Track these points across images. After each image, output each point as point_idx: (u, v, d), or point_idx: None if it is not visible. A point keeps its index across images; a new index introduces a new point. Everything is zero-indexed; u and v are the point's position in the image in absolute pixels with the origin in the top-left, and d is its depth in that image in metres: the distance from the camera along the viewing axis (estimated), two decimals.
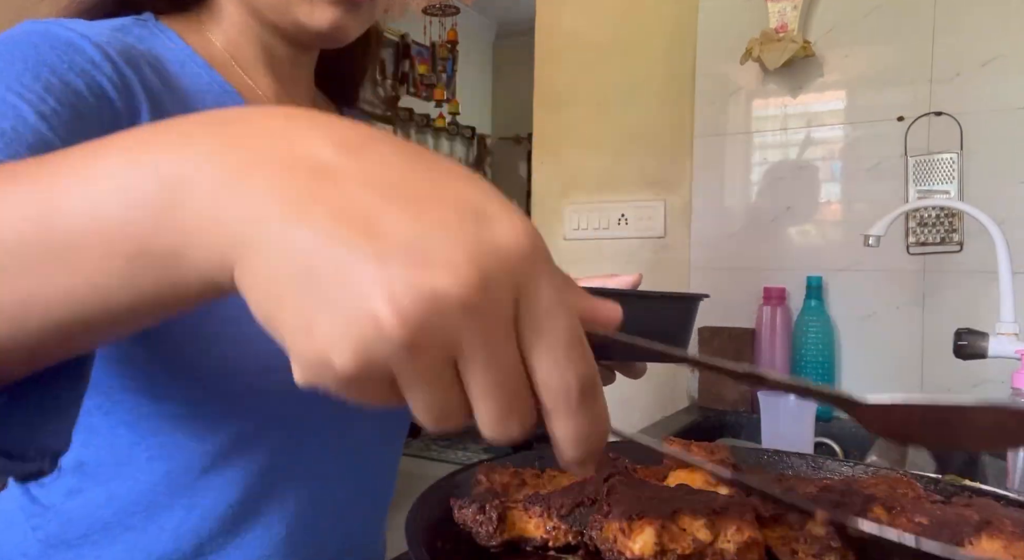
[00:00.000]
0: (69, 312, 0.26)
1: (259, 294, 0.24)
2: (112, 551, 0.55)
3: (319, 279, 0.22)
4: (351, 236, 0.22)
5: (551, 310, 0.24)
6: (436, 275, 0.22)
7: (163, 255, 0.25)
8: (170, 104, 0.54)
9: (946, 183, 1.36)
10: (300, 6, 0.58)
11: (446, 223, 0.23)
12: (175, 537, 0.55)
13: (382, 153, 0.24)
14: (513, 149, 4.72)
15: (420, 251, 0.22)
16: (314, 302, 0.22)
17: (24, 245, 0.25)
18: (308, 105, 0.70)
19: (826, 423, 1.37)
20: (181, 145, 0.25)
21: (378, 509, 0.70)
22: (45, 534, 0.56)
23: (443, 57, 4.15)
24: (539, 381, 0.24)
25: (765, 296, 1.49)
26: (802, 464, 0.60)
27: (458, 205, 0.23)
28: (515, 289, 0.23)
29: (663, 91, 1.69)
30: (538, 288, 0.24)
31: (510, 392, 0.24)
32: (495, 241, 0.23)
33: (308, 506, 0.60)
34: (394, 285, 0.22)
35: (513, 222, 0.23)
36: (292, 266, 0.23)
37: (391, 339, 0.22)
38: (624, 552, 0.37)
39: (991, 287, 1.19)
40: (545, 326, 0.24)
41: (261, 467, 0.57)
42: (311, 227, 0.22)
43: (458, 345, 0.23)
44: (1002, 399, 0.40)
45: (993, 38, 1.33)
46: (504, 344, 0.23)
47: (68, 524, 0.55)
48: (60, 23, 0.51)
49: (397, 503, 0.71)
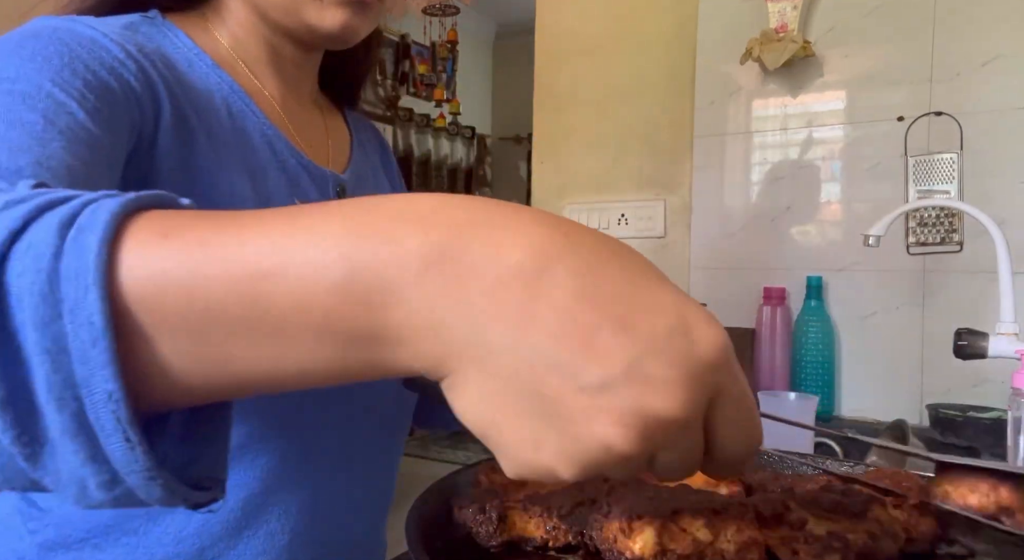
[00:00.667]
0: (265, 379, 0.27)
1: (477, 406, 0.25)
2: (113, 554, 0.54)
3: (545, 400, 0.24)
4: (573, 358, 0.24)
5: (740, 405, 0.27)
6: (656, 399, 0.24)
7: (378, 346, 0.26)
8: (184, 101, 0.54)
9: (946, 183, 1.36)
10: (309, 7, 0.58)
11: (657, 341, 0.25)
12: (177, 541, 0.54)
13: (584, 258, 0.26)
14: (513, 149, 4.72)
15: (639, 375, 0.24)
16: (542, 422, 0.25)
17: (228, 312, 0.26)
18: (312, 109, 0.70)
19: (826, 423, 1.37)
20: (392, 240, 0.25)
21: (379, 511, 0.69)
22: (43, 538, 0.55)
23: (443, 57, 4.15)
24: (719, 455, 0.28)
25: (765, 296, 1.49)
26: (802, 464, 0.60)
27: (665, 318, 0.25)
28: (714, 392, 0.26)
29: (663, 91, 1.69)
30: (732, 391, 0.27)
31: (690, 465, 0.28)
32: (700, 356, 0.25)
33: (310, 510, 0.60)
34: (621, 411, 0.24)
35: (711, 331, 0.26)
36: (516, 387, 0.24)
37: (618, 458, 0.25)
38: (624, 552, 0.37)
39: (991, 287, 1.19)
40: (736, 418, 0.27)
41: (263, 471, 0.57)
42: (534, 348, 0.24)
43: (665, 447, 0.26)
44: None
45: (993, 38, 1.33)
46: (696, 435, 0.27)
47: (67, 527, 0.54)
48: (77, 20, 0.51)
49: (397, 503, 0.71)
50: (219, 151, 0.56)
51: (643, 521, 0.38)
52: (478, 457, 0.59)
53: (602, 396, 0.24)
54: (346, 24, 0.59)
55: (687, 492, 0.43)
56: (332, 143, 0.71)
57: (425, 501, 0.52)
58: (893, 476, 0.49)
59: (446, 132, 4.31)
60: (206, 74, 0.59)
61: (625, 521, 0.38)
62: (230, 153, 0.57)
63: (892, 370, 1.42)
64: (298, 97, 0.68)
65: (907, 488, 0.46)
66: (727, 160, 1.60)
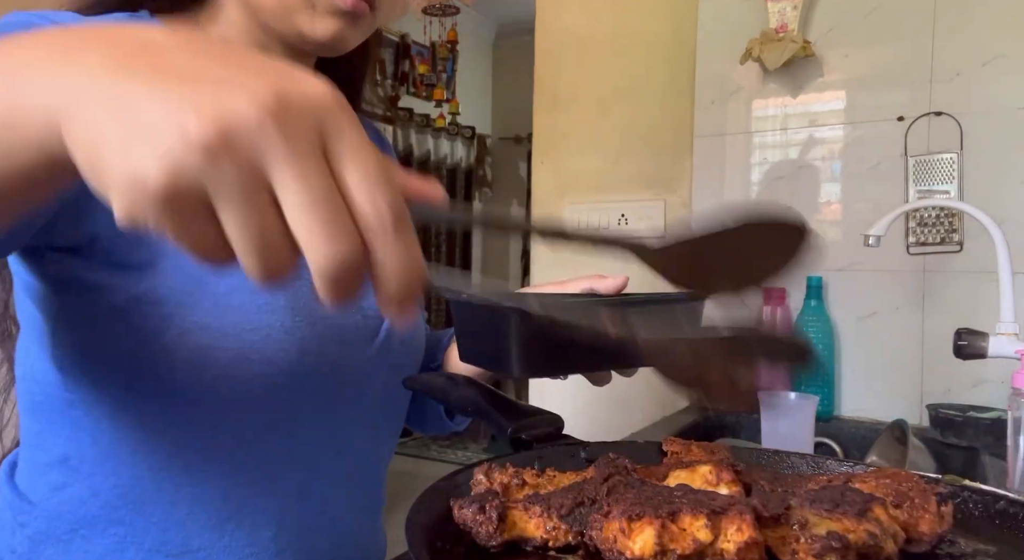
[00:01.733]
0: None
1: (83, 144, 0.25)
2: (101, 544, 0.55)
3: (136, 114, 0.24)
4: (168, 79, 0.24)
5: (358, 146, 0.26)
6: (238, 97, 0.24)
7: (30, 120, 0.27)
8: None
9: (946, 183, 1.36)
10: (301, 16, 0.58)
11: (254, 70, 0.25)
12: (162, 531, 0.55)
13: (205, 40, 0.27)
14: (513, 149, 4.72)
15: (227, 81, 0.24)
16: (130, 132, 0.24)
17: None
18: None
19: (826, 423, 1.37)
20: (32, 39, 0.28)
21: (370, 510, 0.69)
22: (33, 530, 0.56)
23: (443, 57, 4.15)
24: (355, 209, 0.26)
25: (765, 296, 1.49)
26: (802, 464, 0.60)
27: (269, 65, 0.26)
28: (320, 124, 0.25)
29: (663, 91, 1.69)
30: (345, 128, 0.26)
31: (330, 209, 0.25)
32: (299, 86, 0.25)
33: (296, 504, 0.60)
34: (200, 103, 0.24)
35: (319, 81, 0.26)
36: (113, 111, 0.24)
37: (194, 143, 0.23)
38: (624, 552, 0.37)
39: (991, 287, 1.19)
40: (354, 158, 0.26)
41: (247, 463, 0.57)
42: (132, 78, 0.25)
43: (263, 161, 0.24)
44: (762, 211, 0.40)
45: (993, 38, 1.33)
46: (313, 165, 0.25)
47: (55, 519, 0.55)
48: (46, 16, 0.50)
49: (397, 503, 0.71)
50: None
51: (643, 521, 0.38)
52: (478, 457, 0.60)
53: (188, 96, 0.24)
54: (336, 34, 0.59)
55: (687, 492, 0.43)
56: None
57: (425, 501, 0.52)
58: (894, 476, 0.49)
59: (446, 132, 4.31)
60: None
61: (625, 521, 0.38)
62: None
63: (892, 370, 1.42)
64: None
65: (907, 488, 0.46)
66: (727, 160, 1.60)
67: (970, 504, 0.52)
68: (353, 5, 0.58)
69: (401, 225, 0.26)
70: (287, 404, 0.58)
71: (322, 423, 0.62)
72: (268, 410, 0.58)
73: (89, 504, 0.55)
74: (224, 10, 0.62)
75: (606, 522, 0.39)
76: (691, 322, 0.59)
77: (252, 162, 0.24)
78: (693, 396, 1.10)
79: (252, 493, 0.57)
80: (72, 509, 0.55)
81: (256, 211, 0.24)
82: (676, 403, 1.60)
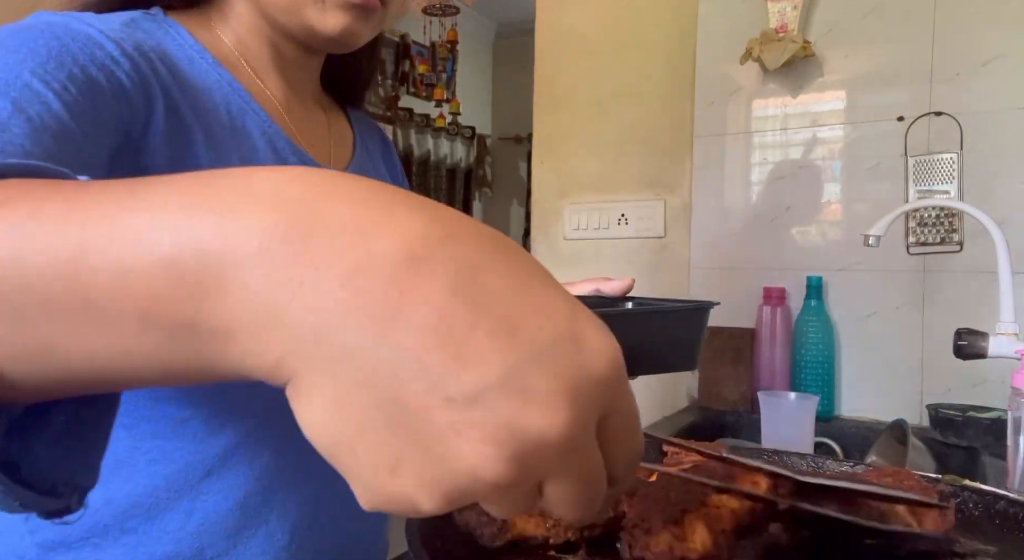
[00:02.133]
0: (91, 371, 0.24)
1: (325, 419, 0.21)
2: (112, 554, 0.54)
3: (407, 412, 0.20)
4: (443, 363, 0.20)
5: (630, 422, 0.24)
6: (535, 415, 0.20)
7: (206, 339, 0.22)
8: (181, 99, 0.54)
9: (946, 183, 1.36)
10: (311, 10, 0.58)
11: (541, 347, 0.21)
12: (176, 540, 0.54)
13: (466, 251, 0.22)
14: (513, 149, 4.71)
15: (517, 386, 0.20)
16: (401, 439, 0.21)
17: (49, 291, 0.22)
18: (314, 108, 0.70)
19: (826, 423, 1.37)
20: (229, 214, 0.22)
21: (378, 515, 0.69)
22: (43, 537, 0.55)
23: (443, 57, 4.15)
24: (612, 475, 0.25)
25: (765, 296, 1.49)
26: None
27: (552, 322, 0.22)
28: (604, 410, 0.23)
29: (663, 91, 1.69)
30: (621, 407, 0.24)
31: (593, 497, 0.24)
32: (588, 368, 0.22)
33: (309, 511, 0.60)
34: (494, 427, 0.20)
35: (602, 341, 0.22)
36: (373, 397, 0.20)
37: (488, 486, 0.21)
38: (688, 555, 0.38)
39: (991, 287, 1.19)
40: (625, 436, 0.24)
41: (262, 472, 0.57)
42: (397, 349, 0.20)
43: (551, 472, 0.22)
44: None
45: (993, 38, 1.33)
46: (591, 459, 0.23)
47: (66, 527, 0.55)
48: (76, 17, 0.51)
49: None
50: (218, 148, 0.56)
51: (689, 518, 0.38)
52: None
53: (472, 409, 0.20)
54: (347, 28, 0.59)
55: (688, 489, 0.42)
56: (334, 141, 0.71)
57: None
58: (895, 475, 0.49)
59: (446, 132, 4.30)
60: (206, 71, 0.59)
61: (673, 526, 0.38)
62: (229, 150, 0.57)
63: (892, 370, 1.42)
64: (300, 96, 0.68)
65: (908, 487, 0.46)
66: (727, 160, 1.60)
67: (970, 504, 0.52)
68: (364, 0, 0.58)
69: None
70: None
71: None
72: (287, 421, 0.57)
73: (101, 512, 0.54)
74: (233, 6, 0.62)
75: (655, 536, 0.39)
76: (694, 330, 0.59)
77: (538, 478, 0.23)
78: None
79: (269, 503, 0.57)
80: (84, 517, 0.55)
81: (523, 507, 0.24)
82: (676, 403, 1.60)
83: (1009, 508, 0.51)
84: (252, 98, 0.61)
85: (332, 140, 0.71)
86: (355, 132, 0.76)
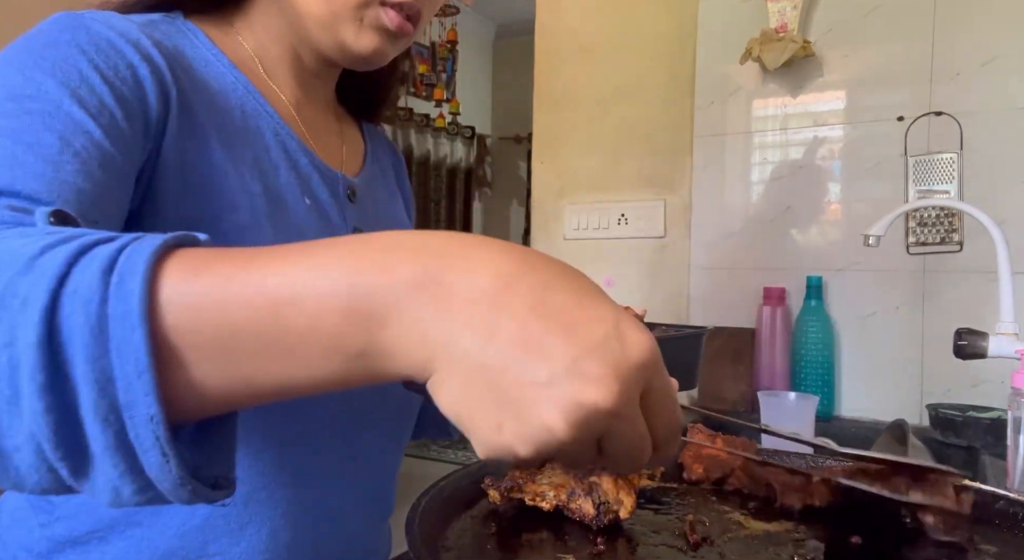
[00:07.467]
0: (279, 390, 0.32)
1: (454, 399, 0.31)
2: (118, 547, 0.55)
3: (505, 391, 0.30)
4: (528, 360, 0.30)
5: (667, 397, 0.33)
6: (592, 391, 0.29)
7: (375, 358, 0.31)
8: (194, 100, 0.55)
9: (946, 183, 1.36)
10: (347, 27, 0.60)
11: (595, 345, 0.30)
12: (181, 535, 0.55)
13: (538, 278, 0.31)
14: (513, 149, 4.72)
15: (578, 372, 0.29)
16: (502, 409, 0.30)
17: (252, 338, 0.30)
18: (327, 115, 0.71)
19: (826, 423, 1.37)
20: (386, 270, 0.31)
21: (380, 513, 0.70)
22: (52, 532, 0.56)
23: (443, 57, 4.15)
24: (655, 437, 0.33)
25: (765, 296, 1.49)
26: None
27: (603, 326, 0.31)
28: (644, 386, 0.31)
29: (663, 91, 1.69)
30: (657, 384, 0.32)
31: (638, 455, 0.33)
32: (630, 357, 0.30)
33: (312, 509, 0.60)
34: (563, 400, 0.29)
35: (640, 337, 0.31)
36: (483, 382, 0.30)
37: (561, 441, 0.30)
38: None
39: (991, 287, 1.19)
40: (663, 408, 0.33)
41: (265, 469, 0.57)
42: (496, 350, 0.30)
43: (604, 433, 0.31)
44: None
45: (993, 38, 1.33)
46: (636, 424, 0.32)
47: (74, 521, 0.55)
48: (95, 18, 0.51)
49: (397, 503, 0.71)
50: (230, 149, 0.56)
51: None
52: (478, 457, 0.61)
53: (548, 388, 0.29)
54: (377, 49, 0.61)
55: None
56: (346, 149, 0.72)
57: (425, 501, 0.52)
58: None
59: (446, 132, 4.31)
60: (222, 74, 0.59)
61: None
62: (241, 151, 0.57)
63: (892, 370, 1.42)
64: (314, 103, 0.68)
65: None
66: (727, 160, 1.60)
67: None
68: (399, 26, 0.60)
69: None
70: (304, 412, 0.58)
71: (344, 431, 0.62)
72: (292, 420, 0.58)
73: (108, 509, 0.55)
74: (260, 14, 0.63)
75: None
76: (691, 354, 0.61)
77: (595, 436, 0.31)
78: None
79: (272, 500, 0.57)
80: (91, 512, 0.55)
81: (586, 460, 0.33)
82: None
83: (1009, 508, 0.51)
84: (266, 101, 0.61)
85: (344, 148, 0.71)
86: (367, 145, 0.76)
